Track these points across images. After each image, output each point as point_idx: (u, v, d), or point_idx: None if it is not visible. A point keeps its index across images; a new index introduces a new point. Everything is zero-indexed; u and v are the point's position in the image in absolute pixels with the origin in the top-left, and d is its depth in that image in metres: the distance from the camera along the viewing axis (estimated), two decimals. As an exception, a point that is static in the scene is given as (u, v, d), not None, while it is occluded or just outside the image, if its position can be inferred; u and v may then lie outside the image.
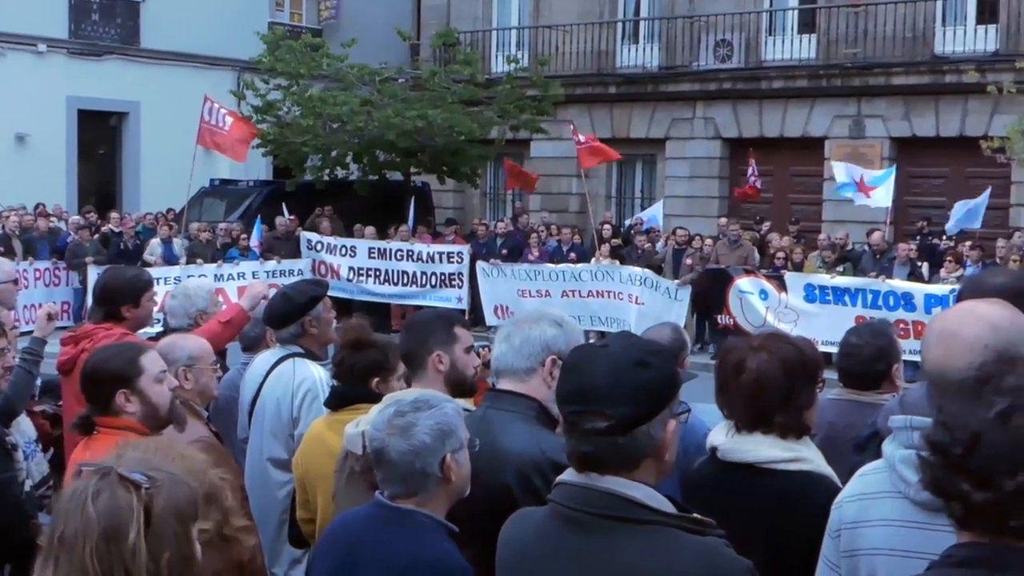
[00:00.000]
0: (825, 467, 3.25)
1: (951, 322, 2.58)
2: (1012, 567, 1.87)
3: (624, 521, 2.42)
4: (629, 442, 2.43)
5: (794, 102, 24.39)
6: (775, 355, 3.27)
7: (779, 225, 21.81)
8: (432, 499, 3.15)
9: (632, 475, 2.45)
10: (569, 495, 2.51)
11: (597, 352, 2.54)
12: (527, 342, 3.43)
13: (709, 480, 3.34)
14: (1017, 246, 18.34)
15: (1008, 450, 1.84)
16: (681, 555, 2.38)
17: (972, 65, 19.81)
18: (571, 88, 25.63)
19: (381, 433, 3.15)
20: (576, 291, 18.63)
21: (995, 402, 1.88)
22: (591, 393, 2.45)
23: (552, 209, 25.90)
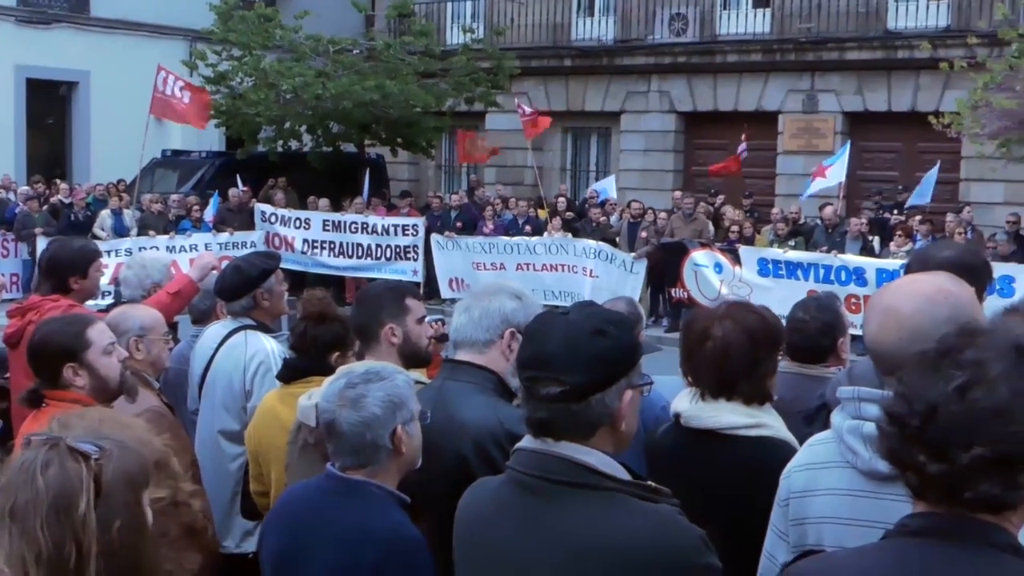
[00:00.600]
0: (786, 433, 3.29)
1: (886, 297, 2.61)
2: (965, 537, 1.89)
3: (577, 486, 2.43)
4: (584, 409, 2.44)
5: (748, 76, 24.50)
6: (740, 323, 3.31)
7: (733, 199, 21.92)
8: (383, 471, 3.16)
9: (587, 442, 2.46)
10: (524, 461, 2.52)
11: (556, 319, 2.55)
12: (486, 314, 3.44)
13: (673, 447, 3.37)
14: (966, 221, 18.56)
15: (964, 423, 1.85)
16: (634, 521, 2.39)
17: (924, 40, 19.94)
18: (526, 61, 25.57)
19: (332, 405, 3.15)
20: (531, 264, 18.66)
21: (954, 375, 1.89)
22: (547, 359, 2.46)
23: (507, 182, 25.87)
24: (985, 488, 1.85)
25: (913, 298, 2.55)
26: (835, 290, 14.80)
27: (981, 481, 1.85)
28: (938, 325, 2.38)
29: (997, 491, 1.84)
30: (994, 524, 1.89)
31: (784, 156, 24.09)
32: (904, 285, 2.68)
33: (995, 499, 1.85)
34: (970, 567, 1.86)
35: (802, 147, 23.81)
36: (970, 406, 1.86)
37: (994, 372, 1.88)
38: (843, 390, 2.64)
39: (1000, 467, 1.82)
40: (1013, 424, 1.81)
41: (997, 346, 1.92)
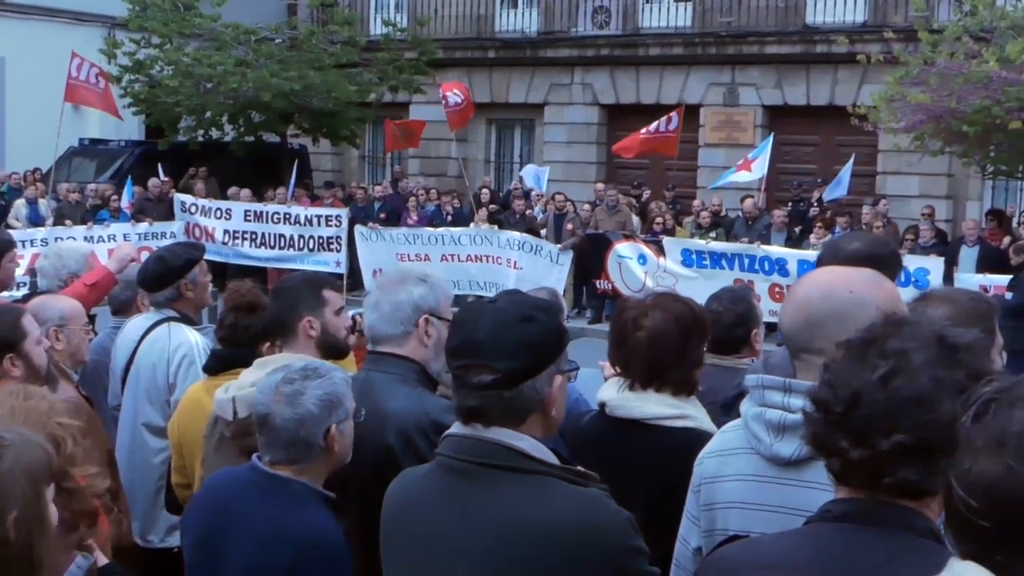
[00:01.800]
0: (709, 425, 3.33)
1: (811, 291, 2.65)
2: (885, 521, 1.93)
3: (508, 470, 2.45)
4: (515, 396, 2.47)
5: (670, 69, 24.69)
6: (670, 313, 3.34)
7: (656, 191, 22.08)
8: (312, 468, 3.15)
9: (518, 428, 2.49)
10: (454, 446, 2.53)
11: (484, 307, 2.56)
12: (396, 307, 3.43)
13: (597, 435, 3.40)
14: (882, 213, 18.90)
15: (886, 410, 1.89)
16: (563, 505, 2.41)
17: (842, 35, 20.25)
18: (450, 52, 25.53)
19: (267, 399, 3.12)
20: (455, 255, 18.61)
21: (877, 364, 1.93)
22: (477, 347, 2.47)
23: (431, 173, 25.81)
24: (905, 474, 1.89)
25: (819, 288, 2.59)
26: (758, 280, 15.05)
27: (901, 467, 1.89)
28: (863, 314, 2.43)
29: (916, 477, 1.88)
30: (914, 510, 1.93)
31: (705, 149, 24.33)
32: (820, 281, 2.71)
33: (914, 485, 1.89)
34: (890, 550, 1.90)
35: (723, 140, 24.07)
36: (892, 394, 1.90)
37: (916, 361, 1.92)
38: (749, 378, 2.69)
39: (919, 454, 1.86)
40: (932, 412, 1.85)
41: (920, 336, 1.96)
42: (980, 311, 3.19)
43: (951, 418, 1.81)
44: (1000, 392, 1.44)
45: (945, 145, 17.68)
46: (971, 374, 1.85)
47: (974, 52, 16.10)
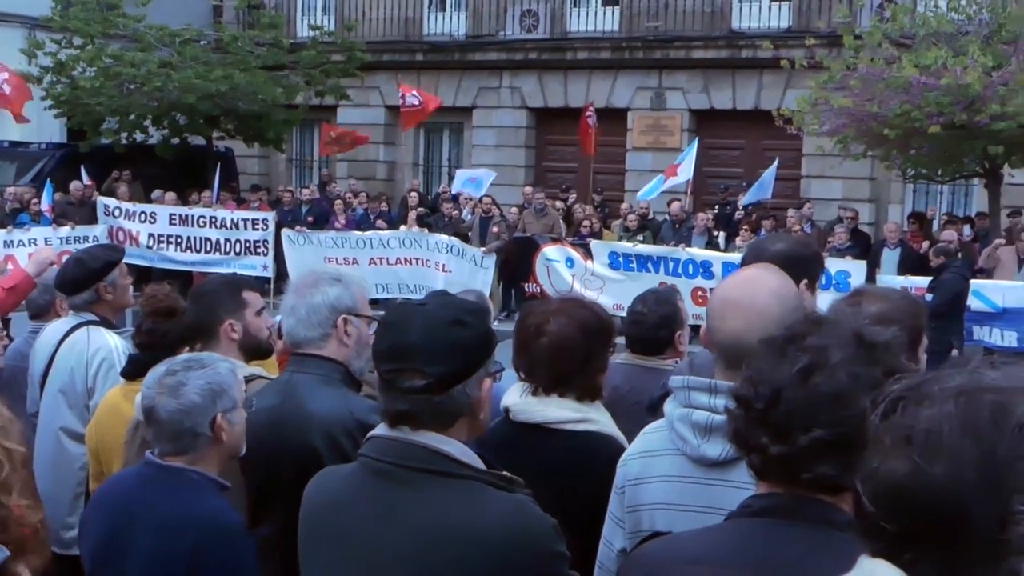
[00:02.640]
0: (612, 428, 3.35)
1: (740, 292, 2.66)
2: (804, 516, 1.96)
3: (435, 474, 2.44)
4: (446, 400, 2.46)
5: (598, 73, 24.80)
6: (574, 319, 3.34)
7: (584, 195, 22.18)
8: (203, 458, 3.15)
9: (447, 432, 2.48)
10: (380, 448, 2.50)
11: (414, 310, 2.54)
12: (313, 310, 3.42)
13: (502, 440, 3.40)
14: (806, 216, 19.17)
15: (805, 407, 1.92)
16: (490, 509, 2.41)
17: (767, 40, 20.49)
18: (378, 55, 25.43)
19: (152, 392, 3.14)
20: (384, 258, 18.54)
21: (797, 360, 1.96)
22: (408, 351, 2.45)
23: (359, 176, 25.68)
24: (823, 469, 1.92)
25: (762, 290, 2.62)
26: (682, 283, 15.16)
27: (819, 463, 1.92)
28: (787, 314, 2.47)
29: (834, 472, 1.91)
30: (832, 504, 1.96)
31: (633, 152, 24.48)
32: (752, 279, 2.73)
33: (832, 480, 1.92)
34: (807, 544, 1.93)
35: (651, 144, 24.24)
36: (811, 391, 1.93)
37: (835, 359, 1.95)
38: (674, 379, 2.70)
39: (837, 449, 1.89)
40: (850, 408, 1.88)
41: (839, 334, 2.00)
42: (912, 309, 3.25)
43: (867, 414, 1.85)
44: (908, 390, 1.45)
45: (867, 149, 17.97)
46: (888, 371, 1.88)
47: (894, 58, 16.39)
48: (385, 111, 26.54)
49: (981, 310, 14.45)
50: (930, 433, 1.38)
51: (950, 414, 1.38)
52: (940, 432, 1.37)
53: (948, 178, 19.35)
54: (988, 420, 1.37)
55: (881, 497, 1.42)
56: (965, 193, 22.39)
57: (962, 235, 17.48)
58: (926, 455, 1.37)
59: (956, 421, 1.38)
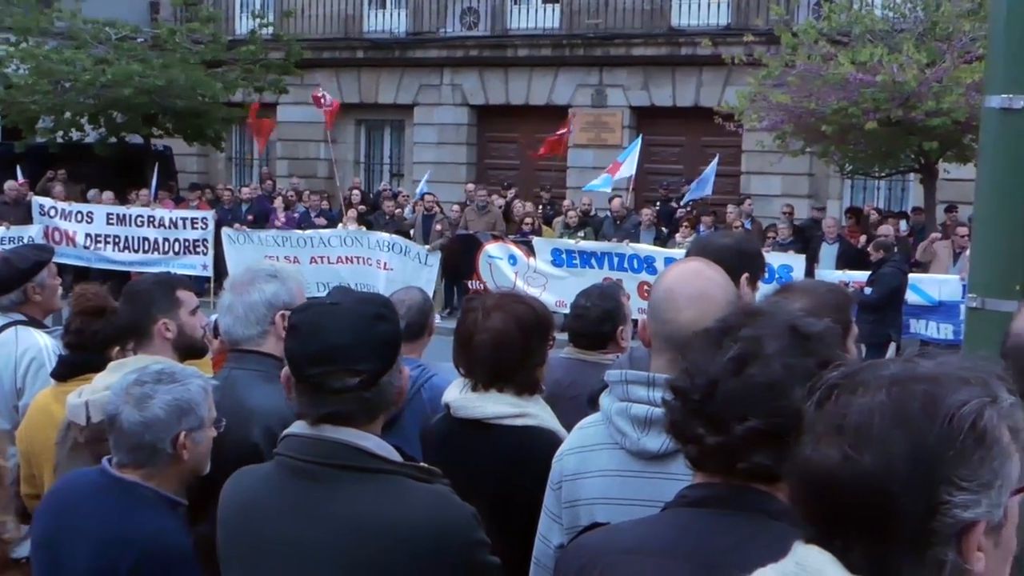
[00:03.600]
0: (551, 422, 3.35)
1: (692, 284, 2.65)
2: (740, 505, 1.97)
3: (354, 470, 2.44)
4: (375, 395, 2.48)
5: (539, 70, 24.86)
6: (512, 314, 3.35)
7: (525, 191, 22.21)
8: (160, 474, 3.08)
9: (369, 427, 2.49)
10: (298, 447, 2.50)
11: (331, 310, 2.53)
12: (250, 308, 3.40)
13: (443, 436, 3.41)
14: (746, 212, 19.33)
15: (740, 397, 1.94)
16: (408, 501, 2.42)
17: (706, 38, 20.64)
18: (318, 52, 25.31)
19: (118, 399, 3.06)
20: (325, 257, 18.45)
21: (733, 351, 1.98)
22: (338, 352, 2.45)
23: (300, 174, 25.53)
24: (758, 459, 1.93)
25: (711, 282, 2.64)
26: (627, 278, 15.22)
27: (754, 452, 1.93)
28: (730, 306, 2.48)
29: (769, 462, 1.91)
30: (768, 493, 1.97)
31: (574, 150, 24.54)
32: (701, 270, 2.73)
33: (767, 470, 1.92)
34: (743, 533, 1.94)
35: (592, 140, 24.32)
36: (746, 381, 1.95)
37: (770, 349, 1.97)
38: (611, 373, 2.69)
39: (772, 439, 1.89)
40: (784, 398, 1.88)
41: (774, 325, 2.02)
42: (837, 301, 3.27)
43: (801, 404, 1.86)
44: (844, 378, 1.46)
45: (806, 145, 18.17)
46: (821, 362, 1.89)
47: (831, 55, 16.58)
48: (325, 109, 26.39)
49: (918, 303, 14.65)
50: (861, 422, 1.39)
51: (882, 403, 1.39)
52: (871, 421, 1.38)
53: (885, 174, 19.63)
54: (919, 410, 1.37)
55: (813, 484, 1.42)
56: (902, 188, 22.71)
57: (898, 230, 17.71)
58: (857, 444, 1.38)
59: (887, 410, 1.38)
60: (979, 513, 1.36)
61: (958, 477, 1.35)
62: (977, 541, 1.37)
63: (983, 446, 1.37)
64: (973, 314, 3.12)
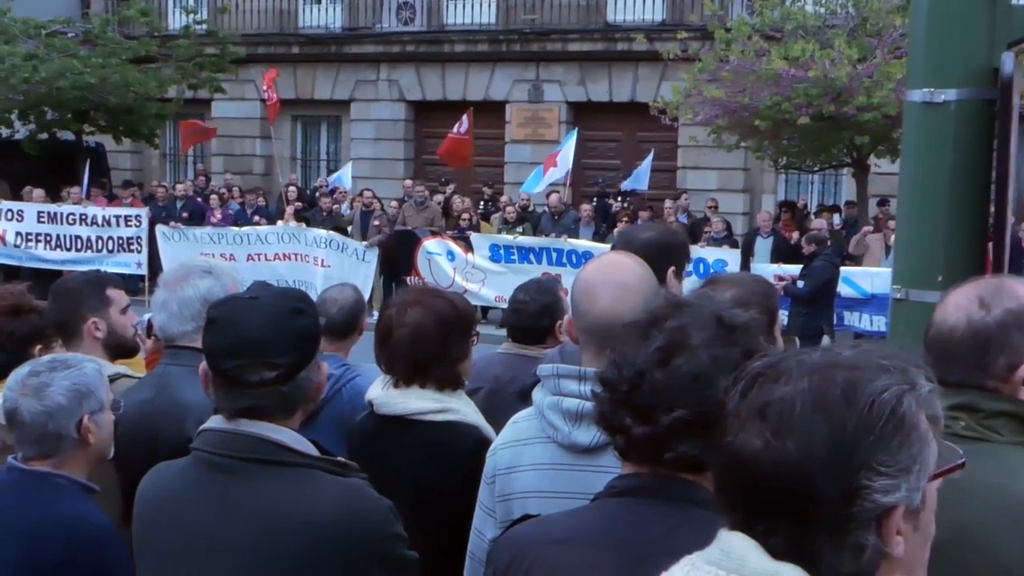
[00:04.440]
0: (474, 417, 3.37)
1: (606, 273, 2.69)
2: (668, 495, 2.00)
3: (268, 464, 2.44)
4: (293, 389, 2.47)
5: (476, 66, 24.85)
6: (430, 309, 3.36)
7: (463, 187, 22.20)
8: (69, 461, 3.06)
9: (287, 421, 2.49)
10: (214, 441, 2.50)
11: (250, 304, 2.54)
12: (185, 304, 3.38)
13: (367, 434, 3.42)
14: (682, 207, 19.48)
15: (667, 387, 1.96)
16: (326, 495, 2.42)
17: (641, 33, 20.75)
18: (253, 47, 25.09)
19: (14, 393, 3.03)
20: (262, 254, 18.32)
21: (659, 343, 2.00)
22: (255, 345, 2.45)
23: (235, 171, 25.31)
24: (684, 449, 1.96)
25: (626, 270, 2.66)
26: (566, 273, 15.27)
27: (680, 442, 1.96)
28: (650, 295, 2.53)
29: (695, 452, 1.94)
30: (695, 483, 2.00)
31: (512, 145, 24.59)
32: (616, 259, 2.77)
33: (694, 459, 1.96)
34: (670, 522, 1.97)
35: (529, 136, 24.36)
36: (673, 372, 1.97)
37: (696, 340, 2.00)
38: (542, 367, 2.71)
39: (697, 429, 1.92)
40: (710, 388, 1.91)
41: (700, 316, 2.04)
42: (763, 291, 3.33)
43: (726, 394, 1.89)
44: (767, 367, 1.48)
45: (740, 139, 18.35)
46: (747, 352, 1.92)
47: (764, 51, 16.76)
48: (261, 105, 26.08)
49: (851, 296, 14.87)
50: (783, 409, 1.41)
51: (804, 391, 1.41)
52: (793, 408, 1.40)
53: (818, 168, 19.88)
54: (839, 397, 1.40)
55: (736, 470, 1.44)
56: (835, 182, 22.98)
57: (832, 224, 17.94)
58: (779, 430, 1.40)
59: (809, 398, 1.40)
60: (898, 497, 1.39)
61: (877, 462, 1.38)
62: (896, 525, 1.39)
63: (902, 432, 1.39)
64: (898, 305, 3.18)
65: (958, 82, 3.03)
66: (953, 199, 3.07)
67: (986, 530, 2.19)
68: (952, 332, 2.30)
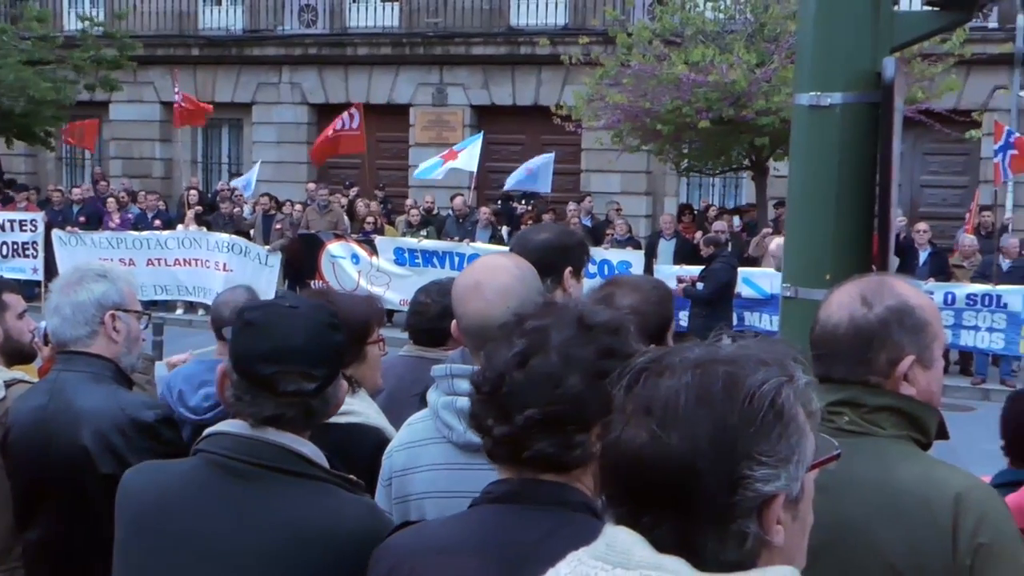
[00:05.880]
0: (377, 419, 3.37)
1: (480, 275, 2.72)
2: (539, 499, 2.02)
3: (290, 474, 2.42)
4: (320, 403, 2.46)
5: (379, 69, 24.76)
6: None
7: (367, 191, 22.10)
8: None
9: (301, 434, 2.47)
10: (233, 446, 2.44)
11: (289, 312, 2.50)
12: (78, 308, 3.31)
13: None
14: (586, 210, 19.62)
15: (523, 387, 2.00)
16: (347, 511, 2.42)
17: (544, 37, 20.86)
18: (152, 49, 24.68)
19: None
20: (162, 259, 18.06)
21: (518, 344, 2.04)
22: (293, 353, 2.41)
23: (134, 175, 24.88)
24: (540, 447, 1.99)
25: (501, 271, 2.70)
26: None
27: (536, 441, 1.99)
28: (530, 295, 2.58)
29: (552, 450, 1.98)
30: (566, 484, 2.03)
31: (416, 148, 24.53)
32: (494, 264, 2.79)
33: (552, 458, 1.99)
34: (545, 527, 1.99)
35: (433, 139, 24.32)
36: (529, 372, 2.01)
37: (554, 341, 2.03)
38: (436, 368, 2.73)
39: (552, 427, 1.97)
40: (562, 388, 1.97)
41: (562, 317, 2.08)
42: (661, 297, 3.38)
43: (580, 392, 1.95)
44: (651, 362, 1.52)
45: (642, 143, 18.53)
46: (603, 350, 1.99)
47: (664, 55, 16.95)
48: (160, 107, 25.81)
49: (751, 297, 15.11)
50: (668, 403, 1.44)
51: (687, 384, 1.45)
52: (677, 402, 1.44)
53: (718, 171, 20.15)
54: (721, 390, 1.44)
55: (622, 464, 1.47)
56: (735, 185, 23.36)
57: (732, 226, 18.21)
58: (664, 424, 1.43)
59: (692, 391, 1.44)
60: (778, 486, 1.43)
61: (758, 452, 1.42)
62: (777, 514, 1.43)
63: (781, 422, 1.44)
64: (788, 303, 3.26)
65: (843, 86, 3.12)
66: (840, 199, 3.15)
67: (870, 524, 2.25)
68: (836, 329, 2.35)
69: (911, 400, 2.34)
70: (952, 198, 21.66)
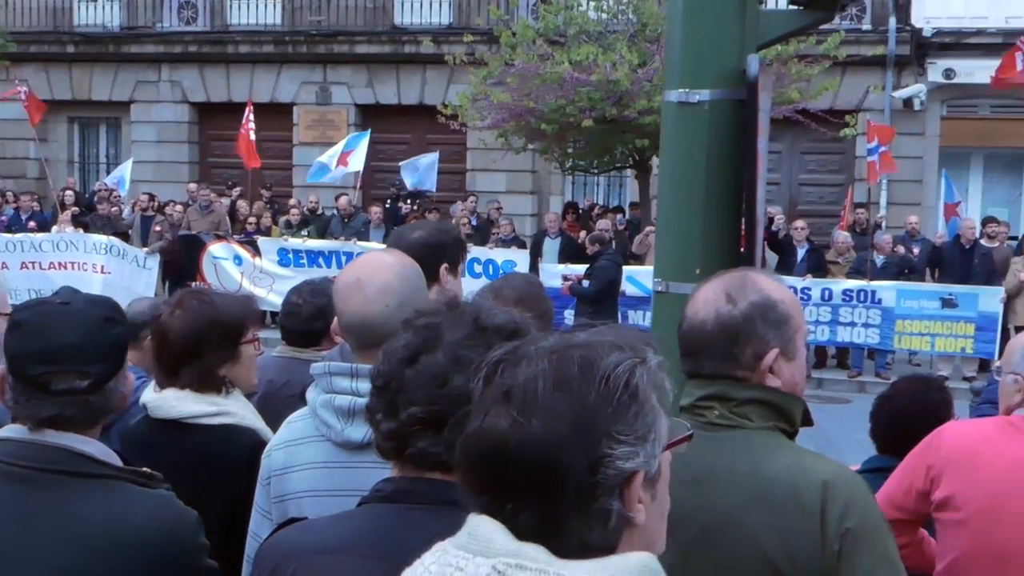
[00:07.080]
0: (251, 420, 3.33)
1: (359, 272, 2.71)
2: (428, 498, 2.03)
3: (75, 475, 2.38)
4: (100, 399, 2.43)
5: (261, 67, 24.46)
6: (188, 311, 3.31)
7: (250, 191, 21.81)
8: None
9: (88, 432, 2.44)
10: (14, 451, 2.40)
11: (60, 309, 2.46)
12: None
13: (142, 437, 3.34)
14: (471, 209, 19.66)
15: (411, 385, 2.02)
16: (135, 508, 2.39)
17: (428, 36, 20.82)
18: (25, 46, 24.04)
19: None
20: (36, 263, 17.58)
21: (412, 343, 2.06)
22: (64, 352, 2.39)
23: (8, 175, 24.19)
24: (423, 445, 2.01)
25: (380, 268, 2.69)
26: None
27: (419, 438, 2.01)
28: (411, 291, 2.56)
29: (435, 449, 2.00)
30: (454, 484, 2.01)
31: (300, 147, 24.29)
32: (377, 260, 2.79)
33: (436, 457, 2.01)
34: (434, 527, 1.96)
35: (317, 138, 24.08)
36: (417, 370, 2.03)
37: (447, 339, 2.05)
38: (315, 366, 2.71)
39: (434, 426, 1.99)
40: (446, 387, 1.99)
41: (459, 317, 2.10)
42: (539, 293, 3.42)
43: (465, 393, 1.92)
44: (507, 353, 1.54)
45: (527, 143, 18.63)
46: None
47: (548, 55, 17.06)
48: (35, 106, 25.13)
49: (635, 295, 15.28)
50: (527, 389, 1.47)
51: (544, 370, 1.47)
52: (536, 388, 1.46)
53: (602, 170, 20.36)
54: (578, 374, 1.47)
55: (483, 453, 1.48)
56: (619, 184, 23.60)
57: (616, 224, 18.40)
58: (524, 410, 1.45)
59: (550, 376, 1.47)
60: (638, 463, 1.46)
61: (617, 431, 1.45)
62: (638, 491, 1.47)
63: (636, 402, 1.48)
64: (659, 297, 3.31)
65: (711, 83, 3.18)
66: (709, 195, 3.21)
67: (742, 514, 2.29)
68: (703, 326, 2.40)
69: (777, 392, 2.40)
70: (829, 196, 22.20)
